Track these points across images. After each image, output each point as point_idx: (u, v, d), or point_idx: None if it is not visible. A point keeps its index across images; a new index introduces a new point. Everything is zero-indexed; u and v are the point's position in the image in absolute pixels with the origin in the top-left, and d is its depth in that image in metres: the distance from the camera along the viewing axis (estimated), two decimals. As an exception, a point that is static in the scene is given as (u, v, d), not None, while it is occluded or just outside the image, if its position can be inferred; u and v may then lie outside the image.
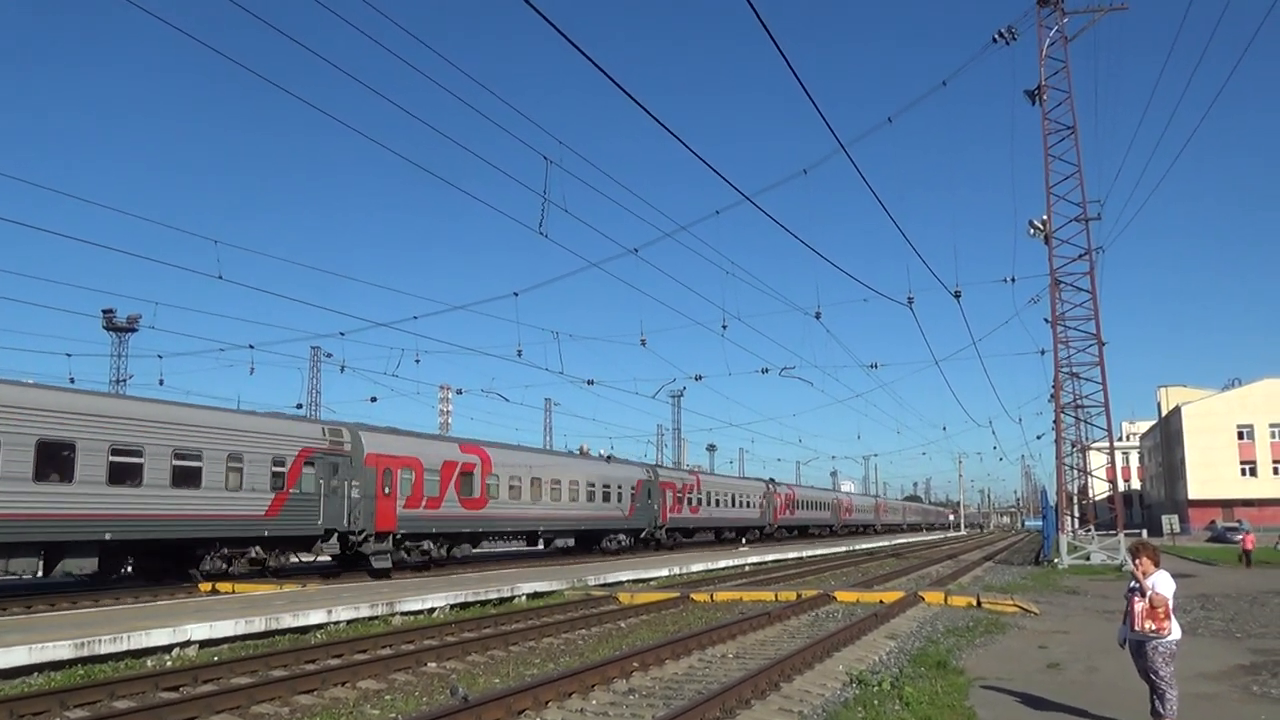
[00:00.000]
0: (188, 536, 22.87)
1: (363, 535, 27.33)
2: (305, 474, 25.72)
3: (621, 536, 42.94)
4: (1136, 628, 8.04)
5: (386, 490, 28.28)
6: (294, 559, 28.34)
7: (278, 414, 30.01)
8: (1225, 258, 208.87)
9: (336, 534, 26.65)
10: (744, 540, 57.66)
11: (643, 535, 45.03)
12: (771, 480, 68.26)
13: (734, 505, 56.83)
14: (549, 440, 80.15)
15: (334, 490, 26.51)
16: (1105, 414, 37.73)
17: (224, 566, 23.85)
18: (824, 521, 77.84)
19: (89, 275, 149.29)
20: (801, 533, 72.01)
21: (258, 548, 24.75)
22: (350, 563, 28.53)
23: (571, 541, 41.31)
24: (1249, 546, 38.29)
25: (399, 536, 28.84)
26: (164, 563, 23.59)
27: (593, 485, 40.59)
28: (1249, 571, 33.84)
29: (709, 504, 52.88)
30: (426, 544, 30.64)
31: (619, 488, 42.85)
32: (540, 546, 42.95)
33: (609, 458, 47.21)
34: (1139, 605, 8.03)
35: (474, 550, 35.66)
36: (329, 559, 28.73)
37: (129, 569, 23.80)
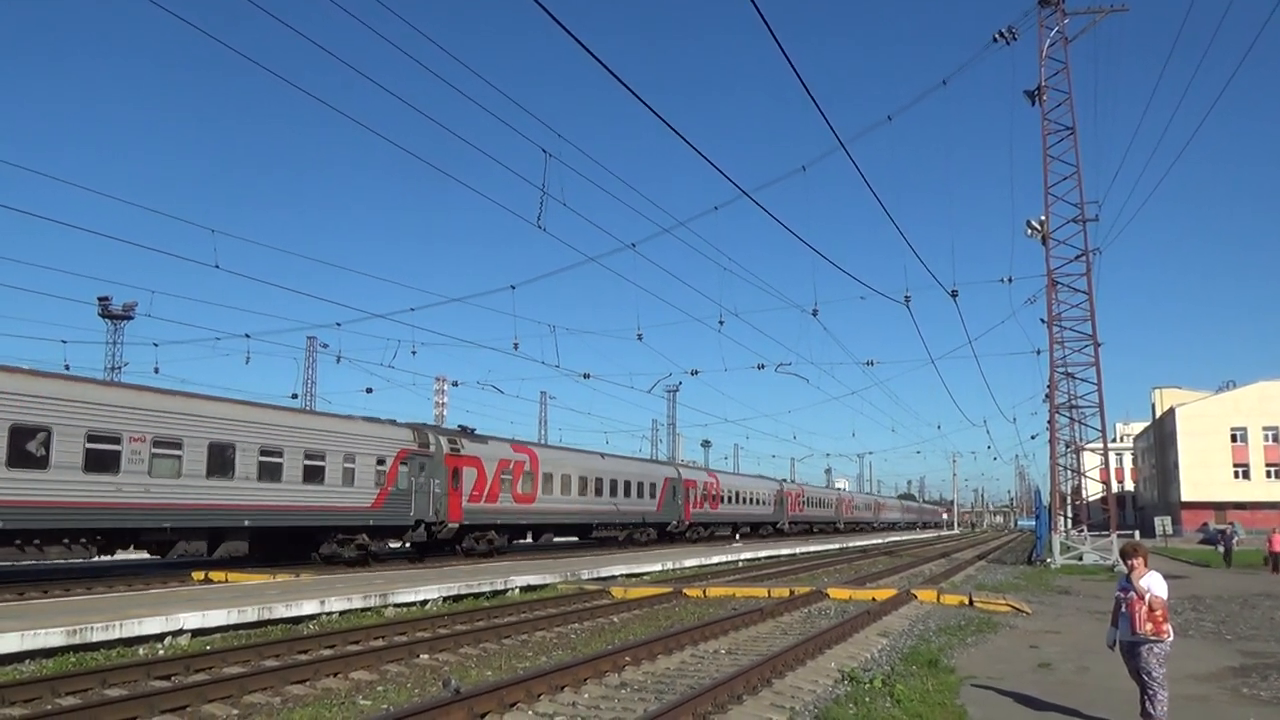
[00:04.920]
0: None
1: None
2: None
3: None
4: (1137, 630, 8.06)
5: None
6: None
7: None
8: (1222, 261, 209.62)
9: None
10: (737, 536, 57.67)
11: None
12: (522, 446, 38.18)
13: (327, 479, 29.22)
14: (544, 434, 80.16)
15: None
16: (1100, 415, 37.79)
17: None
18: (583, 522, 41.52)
19: (85, 262, 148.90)
20: (579, 536, 42.80)
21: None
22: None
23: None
24: (1277, 548, 33.71)
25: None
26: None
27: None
28: (1260, 575, 32.04)
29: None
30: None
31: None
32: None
33: None
34: (1140, 608, 8.05)
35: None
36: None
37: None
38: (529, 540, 39.88)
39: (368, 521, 27.71)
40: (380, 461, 28.25)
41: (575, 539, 43.89)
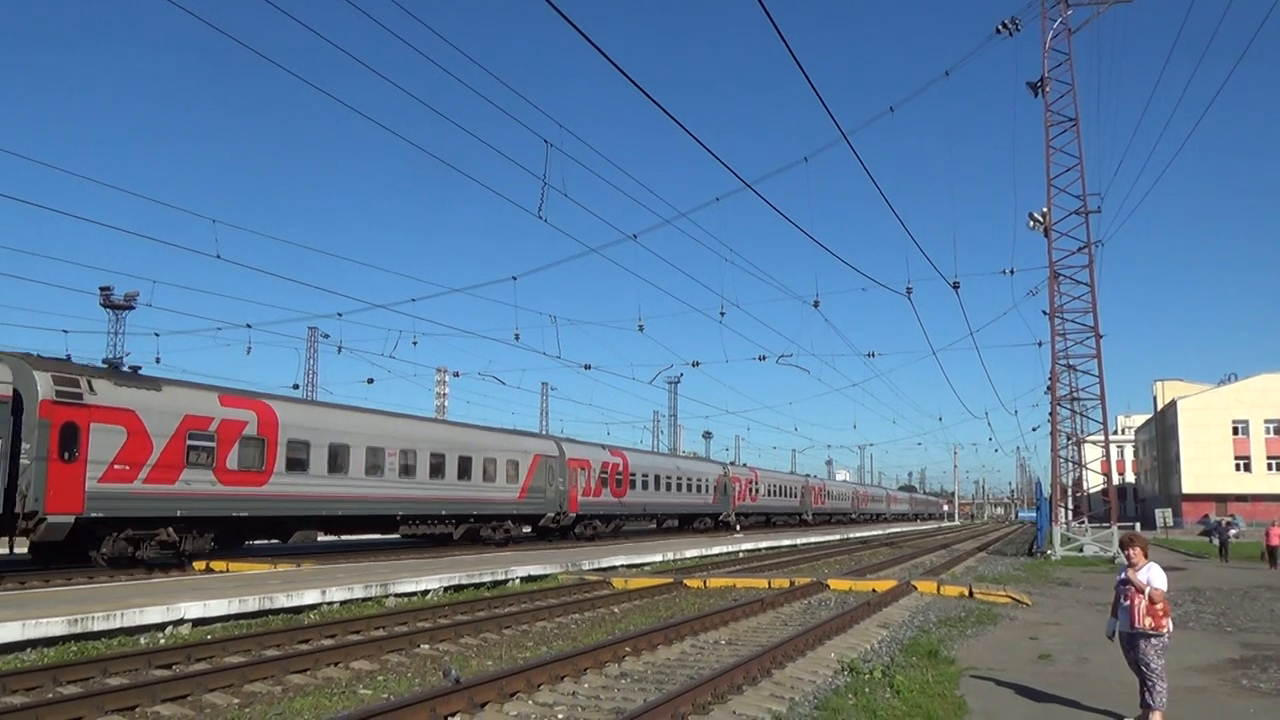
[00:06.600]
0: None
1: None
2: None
3: None
4: (1137, 624, 8.06)
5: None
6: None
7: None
8: (1224, 253, 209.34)
9: None
10: (740, 527, 57.70)
11: None
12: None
13: None
14: (544, 425, 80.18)
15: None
16: (1101, 407, 37.79)
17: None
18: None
19: (87, 252, 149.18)
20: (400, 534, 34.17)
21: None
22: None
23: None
24: (1275, 542, 32.58)
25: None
26: None
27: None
28: (1251, 569, 31.45)
29: None
30: None
31: None
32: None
33: None
34: (1139, 601, 8.05)
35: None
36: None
37: None
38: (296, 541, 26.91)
39: None
40: None
41: (395, 537, 32.56)
